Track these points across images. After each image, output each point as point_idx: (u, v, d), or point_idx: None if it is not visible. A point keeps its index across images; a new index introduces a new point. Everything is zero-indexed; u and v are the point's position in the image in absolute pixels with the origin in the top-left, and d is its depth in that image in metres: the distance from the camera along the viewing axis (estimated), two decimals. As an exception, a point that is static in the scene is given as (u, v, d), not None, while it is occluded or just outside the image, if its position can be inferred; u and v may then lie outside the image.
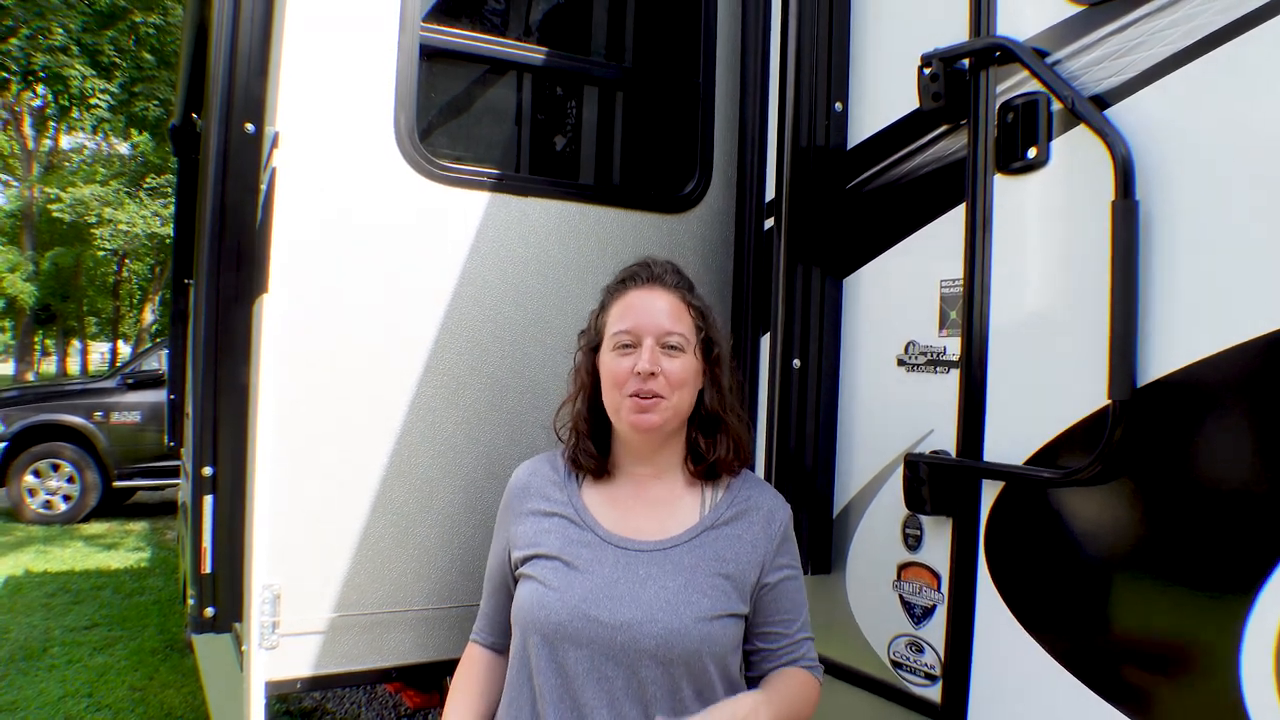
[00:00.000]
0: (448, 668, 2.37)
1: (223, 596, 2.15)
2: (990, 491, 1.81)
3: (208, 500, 2.14)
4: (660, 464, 1.72)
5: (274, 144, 2.04)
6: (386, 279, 2.22)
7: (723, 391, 1.72)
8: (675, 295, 1.70)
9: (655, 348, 1.62)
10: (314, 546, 2.14)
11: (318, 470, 2.14)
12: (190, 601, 2.21)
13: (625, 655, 1.53)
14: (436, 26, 2.33)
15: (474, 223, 2.32)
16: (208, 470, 2.15)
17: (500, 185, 2.36)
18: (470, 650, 1.80)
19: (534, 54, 2.51)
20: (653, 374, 1.60)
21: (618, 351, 1.65)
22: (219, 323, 2.17)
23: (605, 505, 1.71)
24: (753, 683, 1.68)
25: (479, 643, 1.79)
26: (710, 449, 1.71)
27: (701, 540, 1.64)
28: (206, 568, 2.14)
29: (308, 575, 2.13)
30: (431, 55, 2.34)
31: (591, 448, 1.73)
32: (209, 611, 2.15)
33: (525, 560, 1.67)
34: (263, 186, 2.11)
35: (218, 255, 2.16)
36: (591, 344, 1.75)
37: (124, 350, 37.57)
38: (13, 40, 12.48)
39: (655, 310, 1.66)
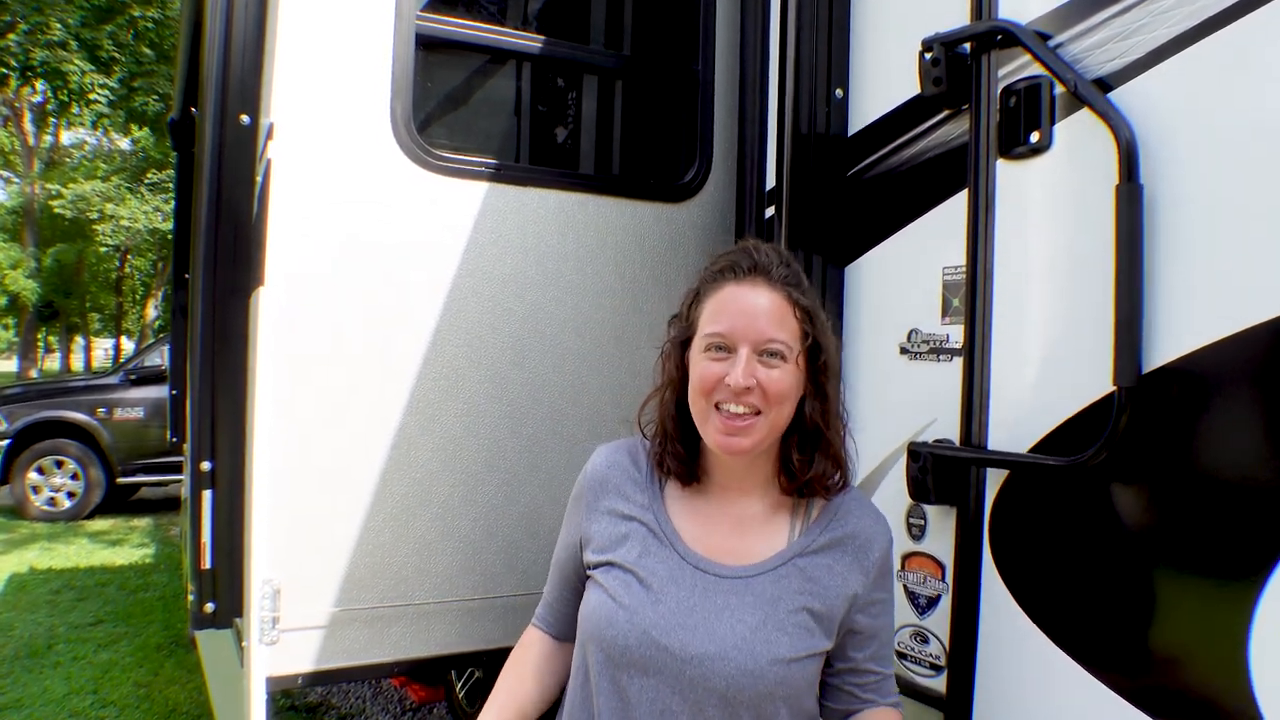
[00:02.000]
0: (450, 662, 2.37)
1: (223, 592, 2.14)
2: (994, 480, 1.79)
3: (207, 495, 2.13)
4: (751, 479, 1.54)
5: (269, 136, 2.03)
6: (384, 270, 2.21)
7: (827, 403, 1.51)
8: (780, 293, 1.47)
9: (752, 357, 1.42)
10: (313, 541, 2.13)
11: (316, 464, 2.13)
12: (190, 597, 2.21)
13: (692, 691, 1.41)
14: (433, 15, 2.31)
15: (472, 213, 2.30)
16: (206, 465, 2.14)
17: (498, 175, 2.34)
18: (529, 633, 1.68)
19: (532, 43, 2.49)
20: (747, 389, 1.41)
21: (709, 354, 1.46)
22: (216, 316, 2.16)
23: (689, 517, 1.54)
24: (829, 714, 1.54)
25: (539, 628, 1.67)
26: (805, 467, 1.50)
27: (787, 570, 1.48)
28: (206, 563, 2.14)
29: (307, 570, 2.12)
30: (428, 45, 2.33)
31: (681, 450, 1.54)
32: (209, 607, 2.14)
33: (598, 565, 1.54)
34: (258, 179, 2.10)
35: (214, 248, 2.15)
36: (682, 336, 1.55)
37: (127, 346, 37.62)
38: (11, 36, 12.45)
39: (755, 312, 1.45)
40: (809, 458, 1.50)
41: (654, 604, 1.45)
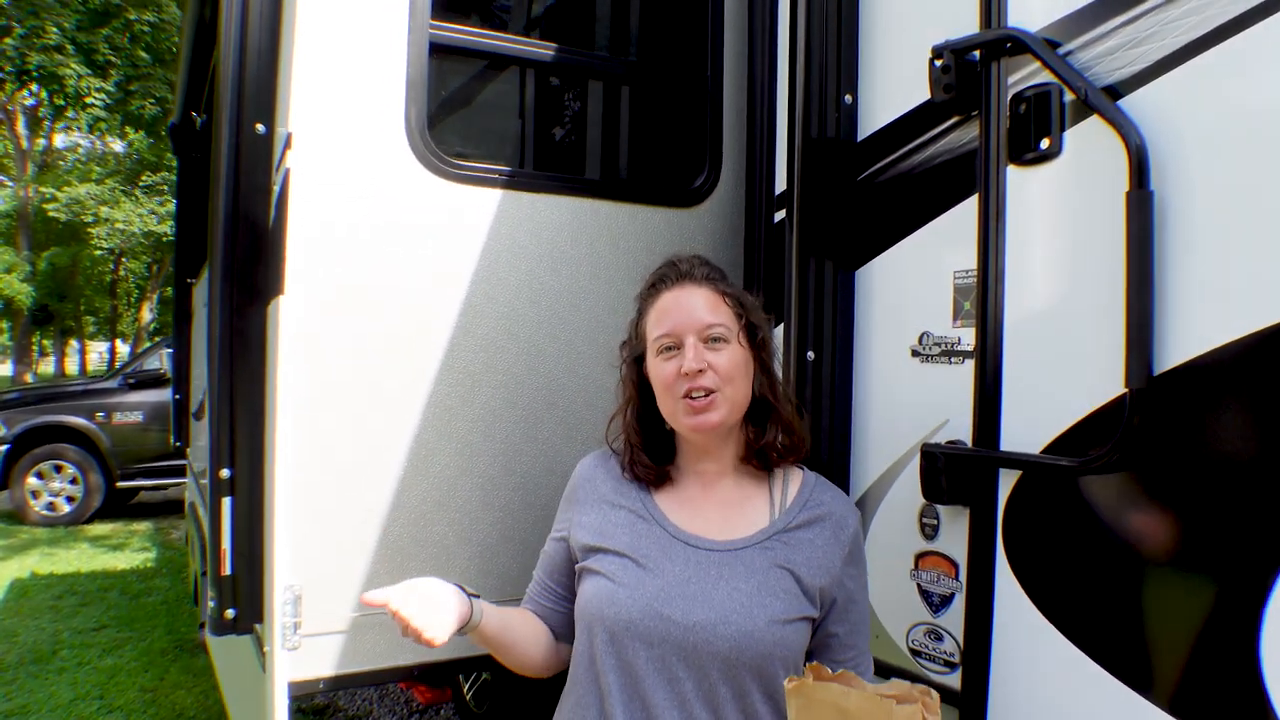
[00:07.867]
0: (466, 666, 2.39)
1: (243, 598, 2.15)
2: (1007, 480, 1.81)
3: (226, 502, 2.14)
4: (724, 460, 1.71)
5: (287, 145, 2.04)
6: (400, 277, 2.22)
7: (771, 376, 1.71)
8: (708, 287, 1.68)
9: (698, 344, 1.61)
10: (333, 546, 2.14)
11: (335, 470, 2.15)
12: (210, 604, 2.22)
13: (697, 656, 1.52)
14: (445, 24, 2.32)
15: (486, 220, 2.32)
16: (225, 472, 2.15)
17: (511, 182, 2.36)
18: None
19: (542, 50, 2.51)
20: (700, 370, 1.58)
21: (663, 356, 1.64)
22: (234, 325, 2.16)
23: (674, 503, 1.70)
24: None
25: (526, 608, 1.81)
26: (759, 435, 1.68)
27: (773, 543, 1.62)
28: (226, 569, 2.14)
29: (328, 575, 2.13)
30: (441, 52, 2.34)
31: (646, 459, 1.71)
32: (230, 613, 2.15)
33: (591, 552, 1.67)
34: (275, 188, 2.11)
35: (231, 257, 2.16)
36: (635, 354, 1.74)
37: (122, 349, 37.52)
38: (7, 40, 12.41)
39: (691, 307, 1.64)
40: (762, 429, 1.69)
41: (652, 579, 1.58)
